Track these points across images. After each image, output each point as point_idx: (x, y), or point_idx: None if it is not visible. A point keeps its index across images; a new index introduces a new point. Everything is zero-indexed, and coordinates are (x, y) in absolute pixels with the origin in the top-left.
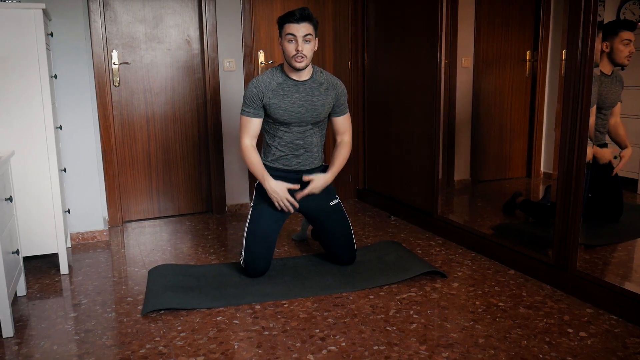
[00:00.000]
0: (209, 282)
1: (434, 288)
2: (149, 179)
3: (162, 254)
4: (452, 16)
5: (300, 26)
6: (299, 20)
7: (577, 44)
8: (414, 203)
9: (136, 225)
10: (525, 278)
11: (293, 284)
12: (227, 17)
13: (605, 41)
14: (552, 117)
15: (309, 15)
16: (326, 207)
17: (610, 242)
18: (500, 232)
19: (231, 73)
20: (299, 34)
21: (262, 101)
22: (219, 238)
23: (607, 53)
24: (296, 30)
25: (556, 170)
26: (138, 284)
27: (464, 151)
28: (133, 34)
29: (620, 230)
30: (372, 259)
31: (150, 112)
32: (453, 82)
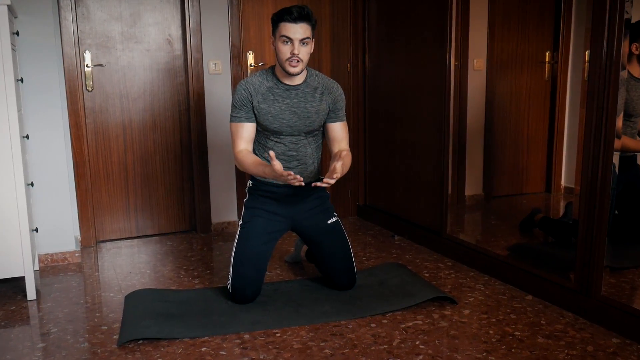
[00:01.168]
0: (192, 308)
1: (443, 315)
2: (126, 194)
3: (141, 278)
4: (462, 13)
5: (298, 27)
6: (297, 20)
7: (602, 44)
8: (420, 221)
9: (111, 246)
10: (544, 304)
11: (286, 311)
12: (212, 15)
13: (636, 42)
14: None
15: (308, 14)
16: (323, 226)
17: (638, 264)
18: (516, 253)
19: (217, 76)
20: (295, 35)
21: (252, 104)
22: (204, 260)
23: (638, 55)
24: (293, 31)
25: (579, 185)
26: (113, 311)
27: (476, 163)
28: (108, 32)
29: None
30: (373, 283)
31: (127, 119)
32: (464, 87)
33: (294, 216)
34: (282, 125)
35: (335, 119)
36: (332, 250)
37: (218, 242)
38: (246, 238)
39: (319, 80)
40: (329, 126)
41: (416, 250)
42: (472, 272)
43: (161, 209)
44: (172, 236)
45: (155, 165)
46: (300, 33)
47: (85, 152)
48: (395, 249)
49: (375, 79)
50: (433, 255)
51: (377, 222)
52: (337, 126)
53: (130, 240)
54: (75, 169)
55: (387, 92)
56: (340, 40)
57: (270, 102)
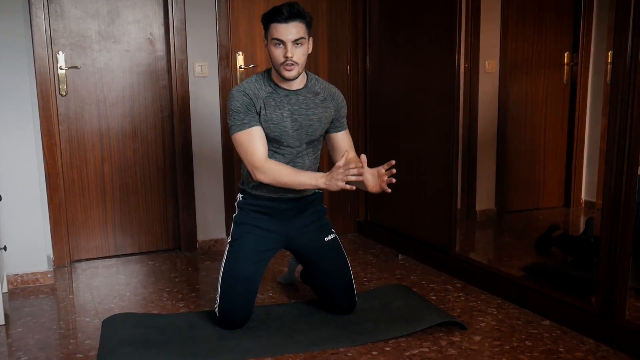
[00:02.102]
0: (176, 335)
1: (452, 342)
2: (103, 210)
3: (119, 301)
4: (473, 11)
5: (290, 27)
6: (288, 19)
7: (626, 44)
8: (426, 238)
9: (87, 266)
10: (562, 330)
11: (279, 338)
12: (198, 12)
13: None
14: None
15: (299, 12)
16: (320, 244)
17: None
18: (532, 274)
19: (204, 79)
20: (287, 37)
21: (256, 109)
22: (189, 281)
23: None
24: (284, 32)
25: (600, 199)
26: (90, 338)
27: (488, 175)
28: (84, 31)
29: None
30: (375, 307)
31: (105, 127)
32: (475, 91)
33: (288, 233)
34: (283, 133)
35: (339, 127)
36: (329, 270)
37: (204, 261)
38: (235, 257)
39: (320, 85)
40: (333, 136)
41: (422, 271)
42: (483, 295)
43: (142, 226)
44: (154, 255)
45: (136, 177)
46: (292, 33)
47: (59, 163)
48: (399, 269)
49: (377, 82)
50: (441, 276)
51: (379, 240)
52: (342, 135)
53: (108, 260)
54: (48, 180)
55: (390, 96)
56: (339, 40)
57: (271, 109)
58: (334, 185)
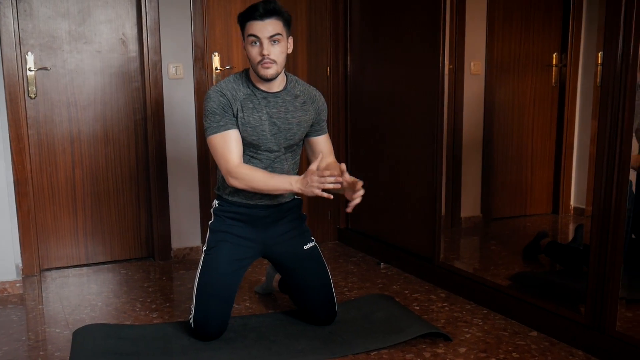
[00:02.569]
0: (149, 346)
1: (436, 354)
2: (74, 217)
3: (91, 311)
4: (458, 10)
5: (266, 24)
6: (264, 16)
7: (617, 44)
8: (410, 247)
9: (57, 275)
10: (550, 341)
11: (257, 349)
12: (172, 11)
13: None
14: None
15: (275, 8)
16: (298, 252)
17: None
18: (519, 284)
19: (178, 81)
20: (263, 34)
21: (233, 110)
22: (163, 291)
23: None
24: (260, 29)
25: (590, 205)
26: (60, 349)
27: (474, 181)
28: (53, 31)
29: None
30: (356, 318)
31: (76, 131)
32: (460, 93)
33: (265, 241)
34: (261, 137)
35: (319, 131)
36: (309, 279)
37: (179, 270)
38: (211, 266)
39: (300, 87)
40: (313, 140)
41: (405, 280)
42: (468, 305)
43: (114, 233)
44: (126, 264)
45: (108, 183)
46: (269, 30)
47: (28, 168)
48: (381, 278)
49: (358, 84)
50: (424, 285)
51: (360, 248)
52: (322, 139)
53: (79, 269)
54: (16, 187)
55: (372, 99)
56: (319, 41)
57: (249, 111)
58: (309, 191)
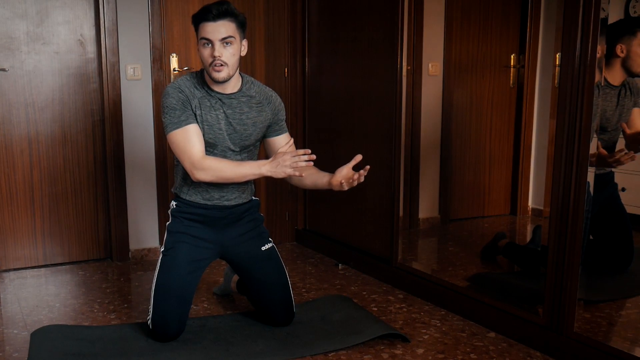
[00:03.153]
0: (107, 347)
1: (394, 355)
2: (32, 218)
3: (49, 312)
4: (416, 11)
5: (218, 25)
6: (216, 17)
7: (575, 45)
8: (367, 248)
9: (15, 276)
10: (508, 342)
11: (215, 351)
12: (130, 12)
13: (621, 43)
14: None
15: (228, 10)
16: (256, 253)
17: (616, 297)
18: (477, 285)
19: (136, 82)
20: (215, 36)
21: (191, 106)
22: (121, 292)
23: (623, 58)
24: (212, 31)
25: (548, 206)
26: (18, 350)
27: (431, 182)
28: (11, 32)
29: (629, 281)
30: (314, 319)
31: (34, 132)
32: (417, 95)
33: (223, 242)
34: (218, 136)
35: (278, 131)
36: (267, 280)
37: (137, 271)
38: (168, 267)
39: (256, 88)
40: (273, 141)
41: (363, 281)
42: (426, 306)
43: (72, 234)
44: (84, 265)
45: (66, 185)
46: (221, 32)
47: None
48: (339, 279)
49: (316, 85)
50: (382, 286)
51: (318, 249)
52: (282, 139)
53: (36, 270)
54: None
55: (330, 100)
56: (277, 42)
57: (206, 109)
58: (280, 171)
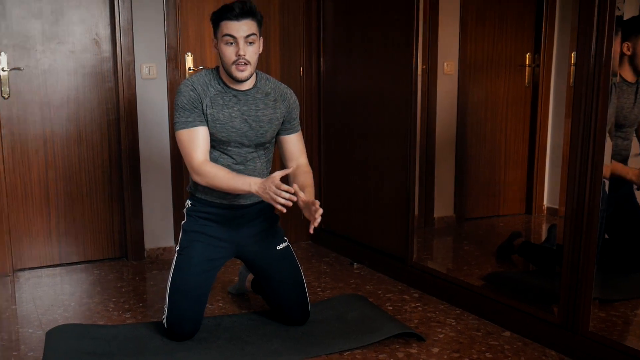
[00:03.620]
0: (122, 346)
1: (409, 354)
2: (47, 217)
3: (64, 311)
4: (431, 11)
5: (241, 24)
6: (239, 16)
7: (590, 44)
8: (383, 247)
9: (31, 275)
10: (524, 341)
11: (230, 350)
12: (146, 12)
13: (627, 42)
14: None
15: (251, 9)
16: (271, 252)
17: (632, 296)
18: (492, 284)
19: (151, 81)
20: (239, 34)
21: (202, 106)
22: (136, 291)
23: (629, 57)
24: (236, 29)
25: (563, 205)
26: (33, 349)
27: (447, 181)
28: (27, 32)
29: None
30: (329, 318)
31: (49, 131)
32: (433, 94)
33: (238, 241)
34: (231, 134)
35: (290, 130)
36: (282, 279)
37: (152, 270)
38: (184, 266)
39: (271, 84)
40: (284, 139)
41: (378, 280)
42: (442, 305)
43: (87, 234)
44: (99, 264)
45: (81, 184)
46: (244, 30)
47: (1, 168)
48: (354, 278)
49: (332, 84)
50: (397, 285)
51: (333, 248)
52: (293, 138)
53: (52, 269)
54: None
55: (345, 99)
56: (292, 41)
57: (219, 107)
58: (266, 196)
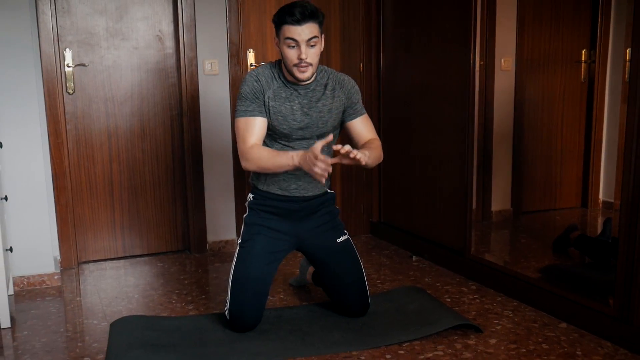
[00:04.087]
0: (185, 338)
1: (467, 345)
2: (111, 210)
3: (128, 303)
4: (488, 8)
5: (303, 28)
6: (301, 21)
7: None
8: (441, 240)
9: (95, 268)
10: (580, 333)
11: (291, 341)
12: (208, 9)
13: None
14: (614, 132)
15: (312, 12)
16: (332, 245)
17: None
18: (549, 276)
19: (213, 77)
20: (301, 37)
21: (264, 98)
22: (199, 283)
23: None
24: (298, 33)
25: (619, 199)
26: (97, 341)
27: (504, 175)
28: (91, 28)
29: None
30: (389, 309)
31: (113, 126)
32: (490, 89)
33: (299, 234)
34: (293, 127)
35: (353, 115)
36: (342, 272)
37: (214, 263)
38: (246, 259)
39: (328, 75)
40: (350, 125)
41: (437, 273)
42: (499, 297)
43: (151, 227)
44: (163, 257)
45: (144, 177)
46: (306, 34)
47: (66, 163)
48: (413, 270)
49: (391, 81)
50: (455, 277)
51: (393, 241)
52: (359, 122)
53: (116, 261)
54: (55, 181)
55: (404, 95)
56: (352, 38)
57: (281, 100)
58: (307, 167)
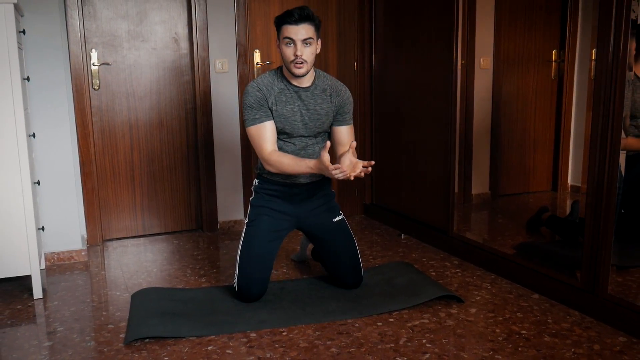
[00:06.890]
0: (198, 307)
1: (449, 314)
2: (132, 193)
3: (147, 276)
4: (469, 12)
5: (300, 28)
6: (298, 21)
7: (609, 43)
8: (427, 220)
9: (118, 245)
10: (550, 303)
11: (292, 310)
12: (219, 13)
13: None
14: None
15: (309, 15)
16: (329, 224)
17: None
18: (523, 252)
19: (223, 75)
20: (297, 37)
21: (268, 104)
22: (210, 258)
23: None
24: (294, 32)
25: (585, 184)
26: (120, 310)
27: (483, 162)
28: (114, 31)
29: None
30: (380, 282)
31: (134, 118)
32: (470, 86)
33: (299, 215)
34: (294, 127)
35: (341, 122)
36: (337, 248)
37: (224, 240)
38: (252, 237)
39: (327, 81)
40: (335, 129)
41: (422, 249)
42: (478, 271)
43: (167, 208)
44: (178, 235)
45: (162, 164)
46: (302, 34)
47: (92, 151)
48: (401, 247)
49: (382, 78)
50: (439, 254)
51: (383, 221)
52: (343, 130)
53: (136, 239)
54: (82, 167)
55: (394, 91)
56: (347, 40)
57: (282, 104)
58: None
